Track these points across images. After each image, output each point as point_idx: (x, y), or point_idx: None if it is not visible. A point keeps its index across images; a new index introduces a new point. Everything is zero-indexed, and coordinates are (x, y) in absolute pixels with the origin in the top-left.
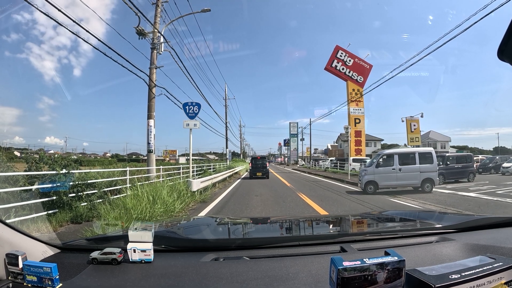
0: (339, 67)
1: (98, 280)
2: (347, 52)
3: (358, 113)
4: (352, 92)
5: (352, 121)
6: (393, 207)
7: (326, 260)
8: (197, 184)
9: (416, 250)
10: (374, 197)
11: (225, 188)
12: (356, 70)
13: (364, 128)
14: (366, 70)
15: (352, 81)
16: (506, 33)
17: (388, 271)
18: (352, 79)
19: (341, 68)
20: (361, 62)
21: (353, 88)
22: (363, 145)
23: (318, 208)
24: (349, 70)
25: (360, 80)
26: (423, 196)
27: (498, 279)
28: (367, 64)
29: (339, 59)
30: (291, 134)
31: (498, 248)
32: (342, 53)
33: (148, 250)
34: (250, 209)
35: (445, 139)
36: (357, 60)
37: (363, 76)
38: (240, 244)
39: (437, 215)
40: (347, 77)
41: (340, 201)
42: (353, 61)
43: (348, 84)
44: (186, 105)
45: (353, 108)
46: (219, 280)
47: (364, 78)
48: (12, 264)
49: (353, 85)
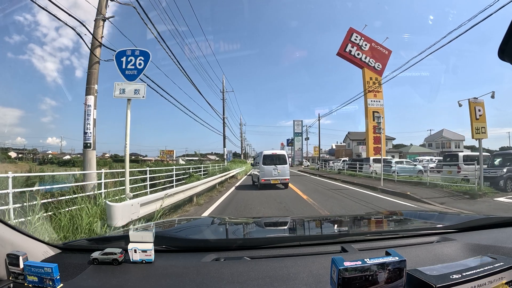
0: (354, 52)
1: (99, 280)
2: (362, 35)
3: (376, 105)
4: (370, 81)
5: (370, 115)
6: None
7: (327, 260)
8: (127, 210)
9: (417, 250)
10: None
11: (210, 204)
12: (373, 56)
13: (384, 123)
14: (384, 56)
15: (369, 69)
16: (507, 33)
17: (389, 271)
18: (369, 66)
19: (356, 54)
20: (379, 47)
21: (370, 76)
22: (383, 142)
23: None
24: (365, 56)
25: (378, 68)
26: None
27: (499, 279)
28: (386, 50)
29: (354, 43)
30: (295, 133)
31: (499, 248)
32: (357, 37)
33: (149, 250)
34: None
35: (459, 138)
36: (374, 45)
37: (381, 63)
38: (241, 244)
39: (438, 215)
40: (363, 64)
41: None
42: (370, 46)
43: (364, 72)
44: (121, 56)
45: (371, 100)
46: (220, 280)
47: (383, 65)
48: (13, 265)
49: (370, 73)
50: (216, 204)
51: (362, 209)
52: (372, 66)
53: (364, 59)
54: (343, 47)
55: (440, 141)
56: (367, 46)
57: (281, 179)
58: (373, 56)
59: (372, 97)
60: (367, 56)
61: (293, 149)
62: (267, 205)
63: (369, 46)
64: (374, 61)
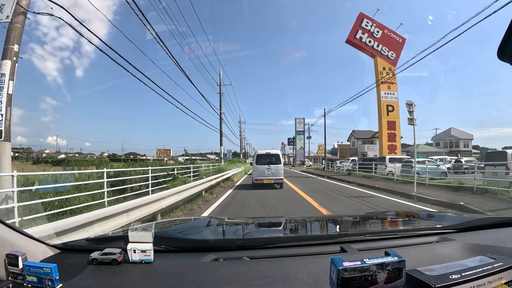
0: (365, 39)
1: (98, 280)
2: (374, 21)
3: (391, 98)
4: (383, 71)
5: (383, 109)
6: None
7: (326, 260)
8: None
9: (416, 250)
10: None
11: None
12: (386, 43)
13: (399, 118)
14: (398, 45)
15: (382, 58)
16: (506, 33)
17: (388, 271)
18: (382, 55)
19: (368, 41)
20: (392, 34)
21: (383, 66)
22: (398, 140)
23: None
24: (377, 44)
25: (392, 57)
26: None
27: (498, 279)
28: (400, 37)
29: (365, 29)
30: (297, 131)
31: (498, 248)
32: (368, 22)
33: (148, 250)
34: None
35: (468, 137)
36: (387, 32)
37: (395, 52)
38: (240, 244)
39: (437, 215)
40: (376, 52)
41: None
42: (382, 33)
43: (376, 61)
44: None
45: (384, 92)
46: (219, 281)
47: (397, 54)
48: (12, 265)
49: (383, 63)
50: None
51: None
52: (385, 55)
53: (377, 47)
54: (353, 33)
55: (449, 140)
56: (379, 33)
57: (275, 179)
58: (386, 44)
59: (385, 89)
60: (379, 44)
61: (294, 148)
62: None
63: (382, 33)
64: (387, 49)
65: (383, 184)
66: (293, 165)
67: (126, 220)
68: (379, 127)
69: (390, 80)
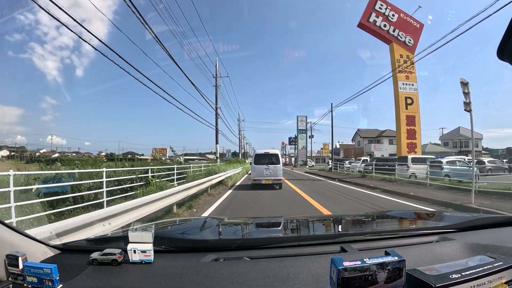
0: (379, 23)
1: (98, 281)
2: (388, 4)
3: (409, 89)
4: (400, 58)
5: (401, 102)
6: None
7: (326, 260)
8: None
9: (416, 250)
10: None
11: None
12: (403, 28)
13: (419, 113)
14: (416, 30)
15: (398, 44)
16: (506, 32)
17: (388, 271)
18: (399, 41)
19: (382, 25)
20: (409, 18)
21: (400, 53)
22: (418, 137)
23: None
24: (393, 28)
25: (410, 43)
26: None
27: (498, 279)
28: (417, 23)
29: (379, 12)
30: (299, 129)
31: (498, 248)
32: (382, 5)
33: (148, 250)
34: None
35: (478, 136)
36: (403, 16)
37: (413, 38)
38: (240, 244)
39: (437, 215)
40: (391, 38)
41: None
42: (398, 17)
43: (393, 47)
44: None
45: (402, 83)
46: (219, 281)
47: (415, 41)
48: (12, 265)
49: (400, 50)
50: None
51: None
52: (402, 40)
53: (392, 31)
54: (366, 16)
55: (458, 140)
56: (394, 17)
57: (273, 179)
58: (402, 29)
59: (403, 79)
60: (395, 29)
61: (296, 147)
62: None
63: (397, 17)
64: (404, 34)
65: (416, 191)
66: (295, 166)
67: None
68: (397, 122)
69: (409, 69)
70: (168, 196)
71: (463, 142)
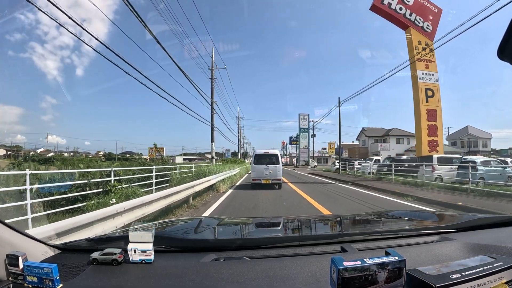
0: (394, 5)
1: (98, 280)
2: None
3: (430, 80)
4: (419, 45)
5: (422, 93)
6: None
7: (326, 260)
8: None
9: (416, 250)
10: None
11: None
12: (420, 13)
13: (440, 106)
14: (434, 16)
15: (416, 29)
16: (506, 32)
17: (388, 271)
18: (416, 26)
19: (398, 8)
20: (426, 2)
21: (418, 40)
22: (440, 134)
23: None
24: (410, 12)
25: (428, 29)
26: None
27: (498, 279)
28: (435, 7)
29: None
30: (301, 128)
31: (498, 248)
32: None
33: (148, 250)
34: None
35: (486, 135)
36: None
37: (432, 24)
38: (241, 244)
39: (438, 215)
40: (408, 22)
41: None
42: (415, 0)
43: (410, 33)
44: None
45: (421, 72)
46: (219, 280)
47: (434, 27)
48: (13, 265)
49: (418, 36)
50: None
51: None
52: (420, 26)
53: (409, 16)
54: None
55: (466, 139)
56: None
57: (273, 179)
58: (420, 13)
59: (423, 68)
60: (412, 13)
61: (298, 147)
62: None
63: (414, 1)
64: (422, 19)
65: (465, 200)
66: (297, 166)
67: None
68: (416, 117)
69: (428, 58)
70: (102, 219)
71: (472, 141)
